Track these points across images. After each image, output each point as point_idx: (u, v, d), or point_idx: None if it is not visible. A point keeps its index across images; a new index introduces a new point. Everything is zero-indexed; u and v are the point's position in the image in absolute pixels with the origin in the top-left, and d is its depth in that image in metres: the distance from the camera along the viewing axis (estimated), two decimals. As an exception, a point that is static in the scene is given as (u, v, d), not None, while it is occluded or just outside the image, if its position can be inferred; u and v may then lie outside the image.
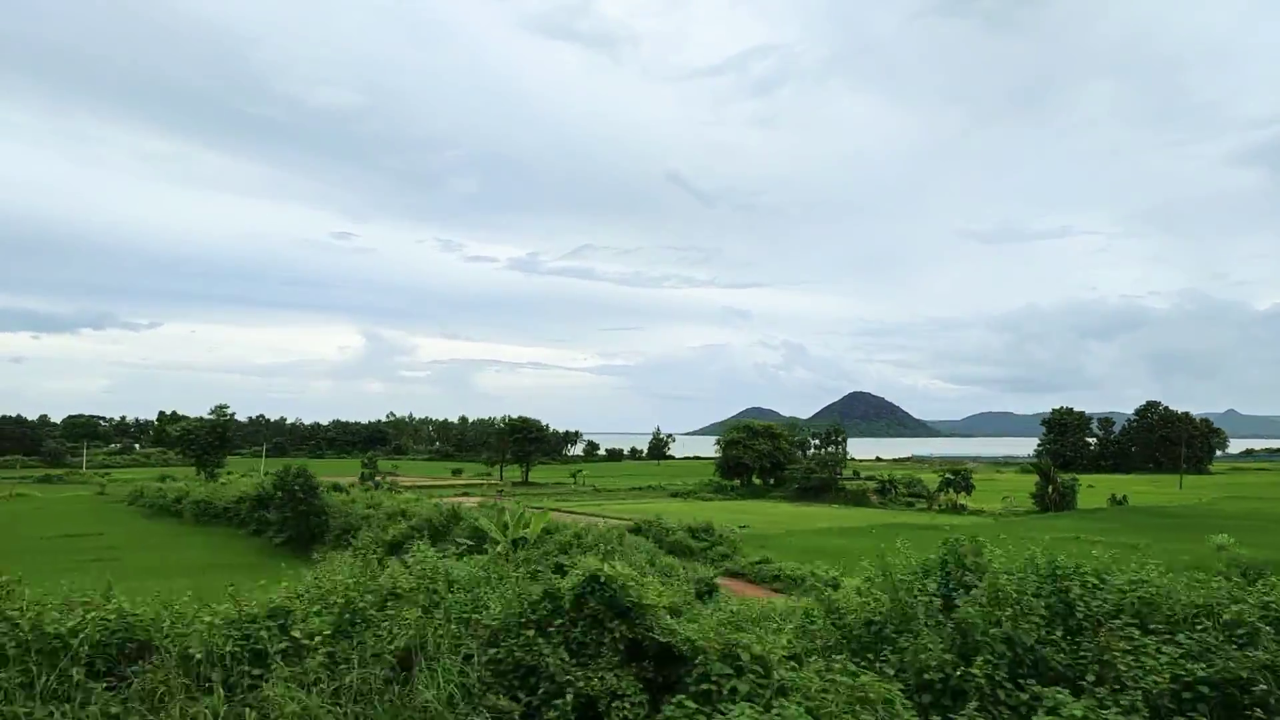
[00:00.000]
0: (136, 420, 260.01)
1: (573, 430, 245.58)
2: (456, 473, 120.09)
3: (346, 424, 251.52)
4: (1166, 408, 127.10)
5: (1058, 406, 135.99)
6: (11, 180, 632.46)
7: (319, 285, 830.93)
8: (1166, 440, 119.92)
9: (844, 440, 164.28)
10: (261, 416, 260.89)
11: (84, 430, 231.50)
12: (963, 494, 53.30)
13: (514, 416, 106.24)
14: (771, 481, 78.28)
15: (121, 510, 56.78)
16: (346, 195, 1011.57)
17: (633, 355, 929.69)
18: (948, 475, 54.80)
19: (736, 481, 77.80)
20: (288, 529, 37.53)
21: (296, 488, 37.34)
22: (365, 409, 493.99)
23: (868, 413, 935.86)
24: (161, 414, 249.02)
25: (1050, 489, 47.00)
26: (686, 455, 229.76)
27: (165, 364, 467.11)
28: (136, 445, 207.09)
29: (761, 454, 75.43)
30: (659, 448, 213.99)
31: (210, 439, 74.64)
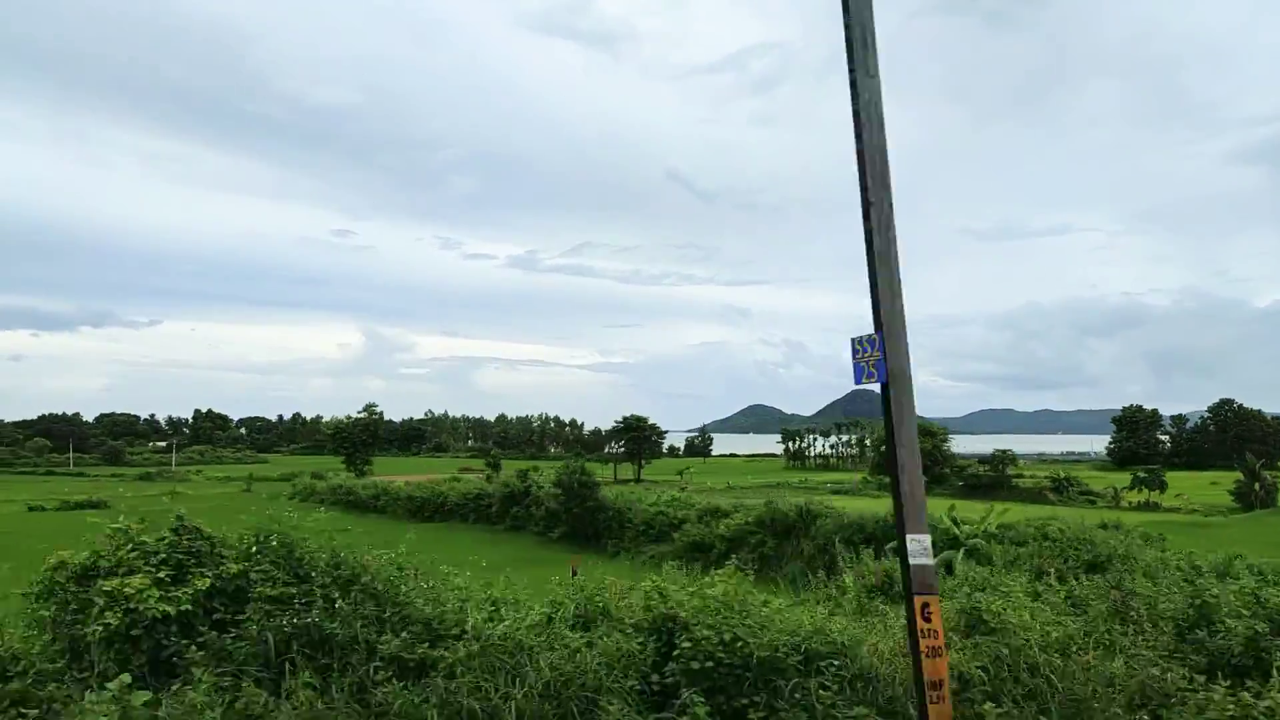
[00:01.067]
0: (170, 418, 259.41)
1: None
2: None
3: (384, 422, 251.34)
4: (1240, 405, 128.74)
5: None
6: (11, 179, 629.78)
7: (318, 283, 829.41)
8: (1240, 438, 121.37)
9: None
10: (298, 415, 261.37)
11: (123, 428, 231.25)
12: (1155, 492, 54.33)
13: (627, 415, 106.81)
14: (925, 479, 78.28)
15: (319, 509, 57.28)
16: (346, 193, 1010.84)
17: (632, 353, 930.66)
18: (1139, 474, 55.93)
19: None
20: (560, 525, 38.39)
21: (577, 484, 38.22)
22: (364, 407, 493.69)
23: (870, 410, 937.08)
24: (197, 412, 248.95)
25: (1257, 486, 48.06)
26: (723, 453, 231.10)
27: (165, 362, 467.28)
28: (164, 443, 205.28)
29: (925, 452, 76.25)
30: (703, 446, 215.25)
31: (364, 436, 75.54)
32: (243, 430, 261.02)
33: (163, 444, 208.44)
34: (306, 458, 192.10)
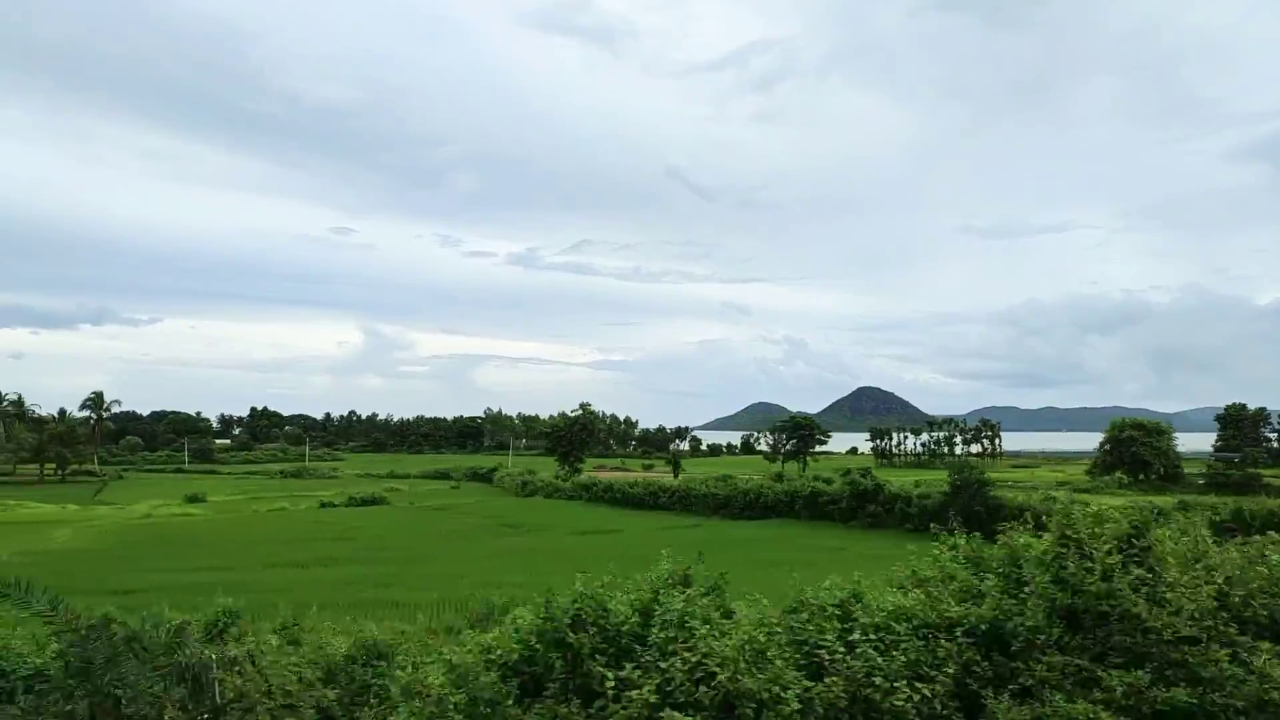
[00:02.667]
0: (222, 415, 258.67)
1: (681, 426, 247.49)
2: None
3: (437, 420, 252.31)
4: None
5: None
6: (10, 177, 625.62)
7: (318, 281, 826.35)
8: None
9: (997, 435, 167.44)
10: (353, 413, 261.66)
11: (185, 427, 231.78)
12: None
13: (794, 413, 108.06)
14: (1152, 478, 74.43)
15: (585, 506, 58.79)
16: (345, 191, 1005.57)
17: (632, 350, 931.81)
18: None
19: (1128, 478, 73.34)
20: (952, 521, 40.08)
21: (972, 481, 39.92)
22: (365, 405, 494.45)
23: (876, 408, 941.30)
24: (253, 410, 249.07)
25: None
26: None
27: (165, 360, 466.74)
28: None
29: (1160, 451, 77.34)
30: (750, 445, 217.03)
31: (581, 435, 77.10)
32: (286, 428, 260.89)
33: (229, 442, 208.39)
34: (391, 456, 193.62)
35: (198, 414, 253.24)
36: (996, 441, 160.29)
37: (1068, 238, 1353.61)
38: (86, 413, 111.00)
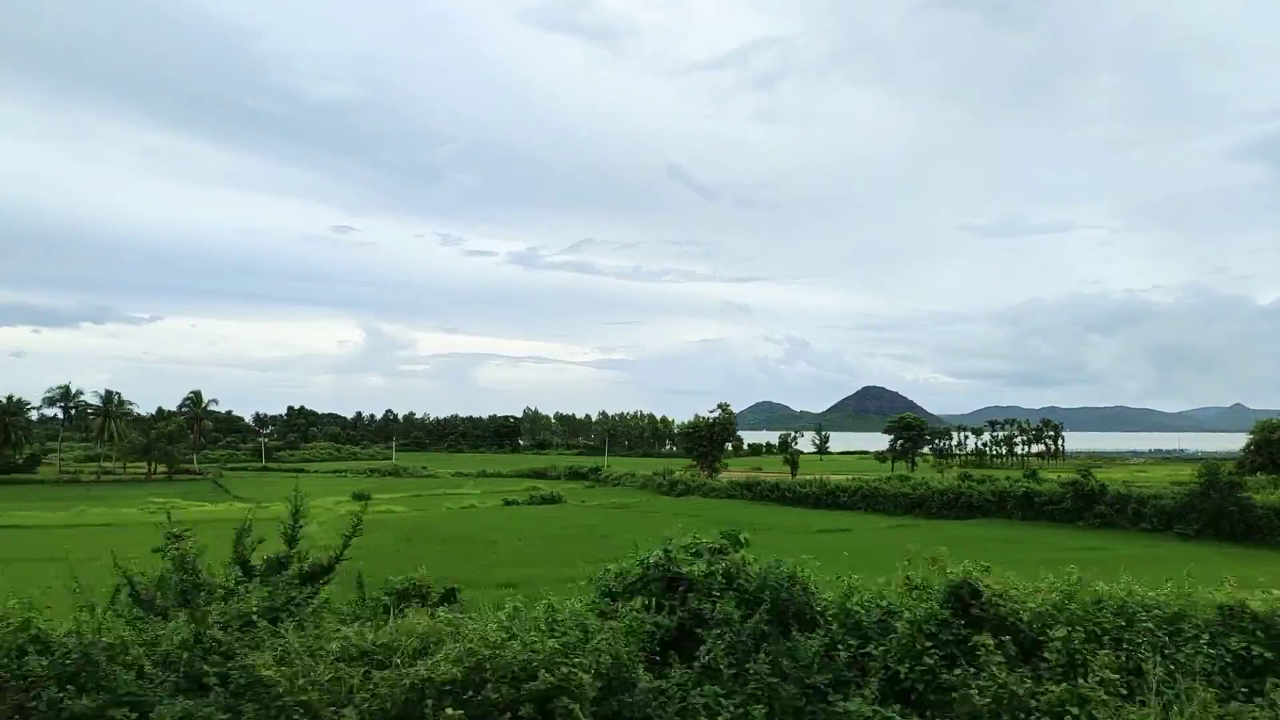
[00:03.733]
0: (257, 414, 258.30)
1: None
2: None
3: (474, 419, 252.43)
4: None
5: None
6: (11, 174, 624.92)
7: (319, 279, 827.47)
8: None
9: (1060, 435, 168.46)
10: (390, 412, 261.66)
11: (225, 426, 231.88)
12: None
13: (900, 414, 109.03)
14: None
15: (768, 506, 59.61)
16: (346, 189, 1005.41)
17: (632, 349, 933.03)
18: None
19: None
20: (1190, 523, 41.08)
21: (1227, 483, 40.98)
22: (366, 404, 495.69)
23: (881, 407, 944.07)
24: (290, 409, 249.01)
25: None
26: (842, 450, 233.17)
27: (165, 358, 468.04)
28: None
29: None
30: (822, 445, 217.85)
31: (720, 435, 78.09)
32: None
33: (280, 442, 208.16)
34: (432, 454, 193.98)
35: (228, 413, 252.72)
36: (1060, 442, 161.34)
37: (1069, 237, 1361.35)
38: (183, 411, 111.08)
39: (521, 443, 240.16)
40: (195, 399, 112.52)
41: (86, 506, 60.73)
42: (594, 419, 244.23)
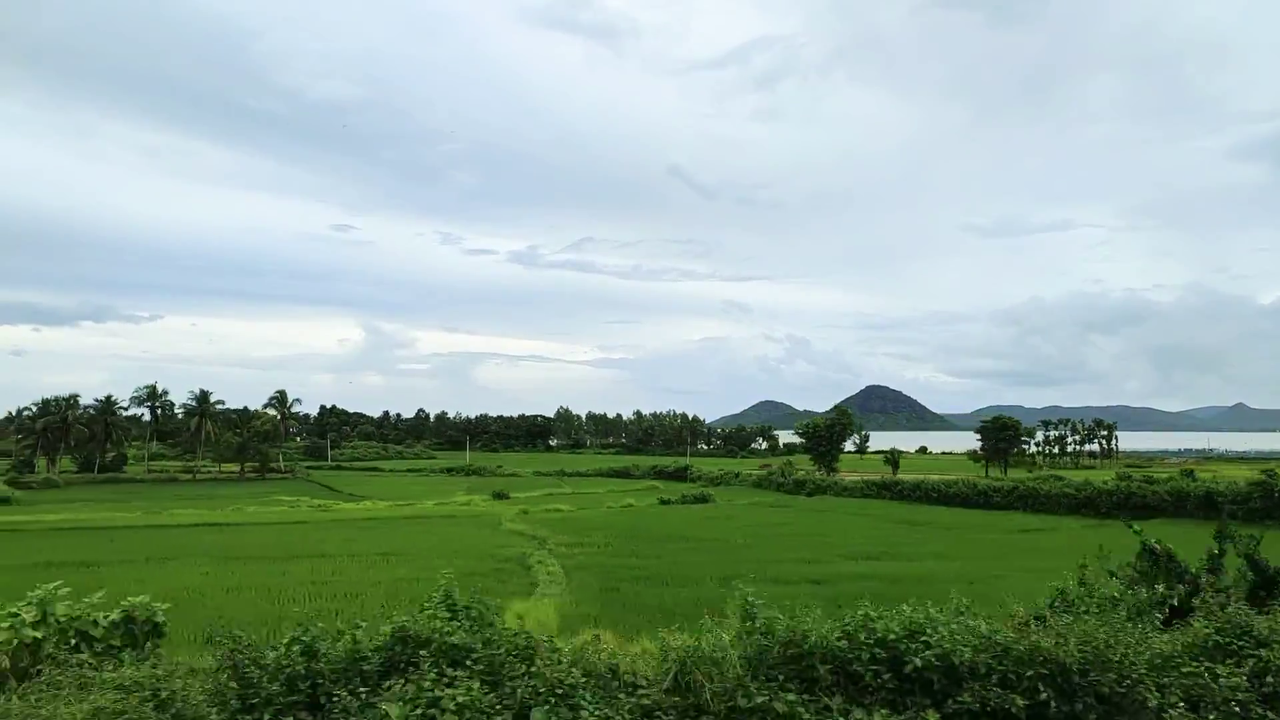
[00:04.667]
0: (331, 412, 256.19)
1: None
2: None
3: (507, 419, 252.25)
4: None
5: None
6: (11, 173, 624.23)
7: (319, 278, 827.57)
8: None
9: (1113, 434, 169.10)
10: (422, 411, 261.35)
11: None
12: None
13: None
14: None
15: (897, 505, 60.12)
16: (346, 188, 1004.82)
17: (632, 349, 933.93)
18: None
19: None
20: None
21: None
22: (366, 403, 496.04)
23: (885, 406, 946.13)
24: (322, 408, 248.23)
25: None
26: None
27: (166, 357, 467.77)
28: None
29: None
30: (862, 444, 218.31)
31: (835, 434, 78.60)
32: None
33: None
34: (484, 454, 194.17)
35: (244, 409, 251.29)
36: (1114, 441, 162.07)
37: (1070, 236, 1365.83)
38: (271, 410, 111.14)
39: (554, 442, 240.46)
40: (280, 398, 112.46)
41: (242, 505, 60.99)
42: (626, 418, 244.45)
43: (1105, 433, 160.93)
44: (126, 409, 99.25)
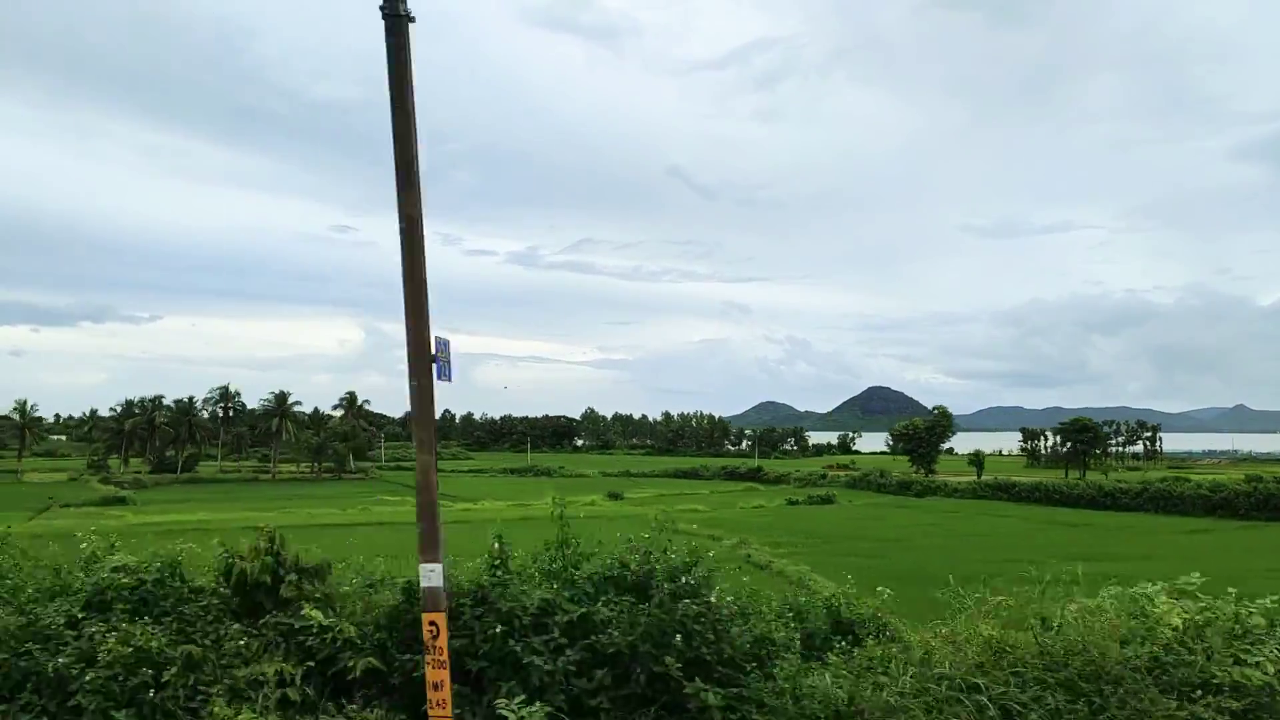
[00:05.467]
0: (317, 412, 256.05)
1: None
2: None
3: (532, 419, 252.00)
4: None
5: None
6: (11, 173, 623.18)
7: (319, 279, 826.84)
8: None
9: (1158, 436, 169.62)
10: (448, 412, 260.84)
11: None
12: None
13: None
14: None
15: (1019, 506, 60.55)
16: (346, 188, 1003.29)
17: (633, 350, 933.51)
18: None
19: None
20: None
21: None
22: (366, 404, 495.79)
23: (887, 407, 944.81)
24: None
25: None
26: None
27: (165, 357, 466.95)
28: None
29: None
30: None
31: (931, 436, 79.05)
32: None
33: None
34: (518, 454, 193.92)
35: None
36: (1158, 442, 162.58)
37: (1070, 237, 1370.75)
38: (339, 411, 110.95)
39: (581, 443, 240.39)
40: (350, 399, 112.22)
41: (366, 505, 61.18)
42: (652, 419, 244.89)
43: (1149, 434, 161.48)
44: (199, 409, 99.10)
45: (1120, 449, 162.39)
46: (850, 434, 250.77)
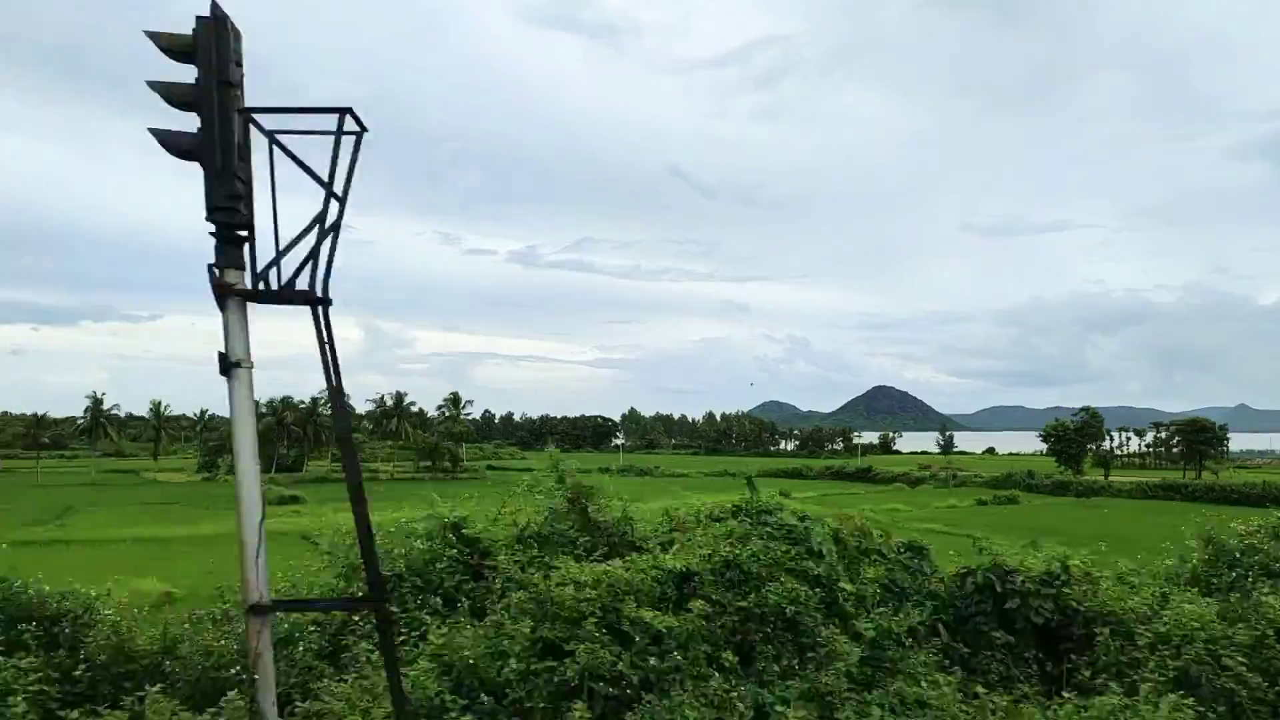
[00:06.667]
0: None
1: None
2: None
3: (569, 418, 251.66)
4: None
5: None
6: (12, 172, 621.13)
7: None
8: None
9: (1224, 436, 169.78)
10: (488, 411, 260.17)
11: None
12: None
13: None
14: None
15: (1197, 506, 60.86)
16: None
17: (632, 349, 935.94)
18: None
19: None
20: None
21: None
22: (364, 403, 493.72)
23: (891, 407, 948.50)
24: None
25: None
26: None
27: (165, 356, 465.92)
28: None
29: None
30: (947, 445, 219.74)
31: (1082, 437, 79.37)
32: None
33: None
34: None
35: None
36: (1226, 443, 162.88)
37: (1070, 236, 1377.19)
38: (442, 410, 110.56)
39: (621, 443, 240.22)
40: (454, 399, 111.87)
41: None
42: (692, 419, 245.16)
43: (1212, 434, 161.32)
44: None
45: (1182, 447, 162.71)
46: (891, 434, 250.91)
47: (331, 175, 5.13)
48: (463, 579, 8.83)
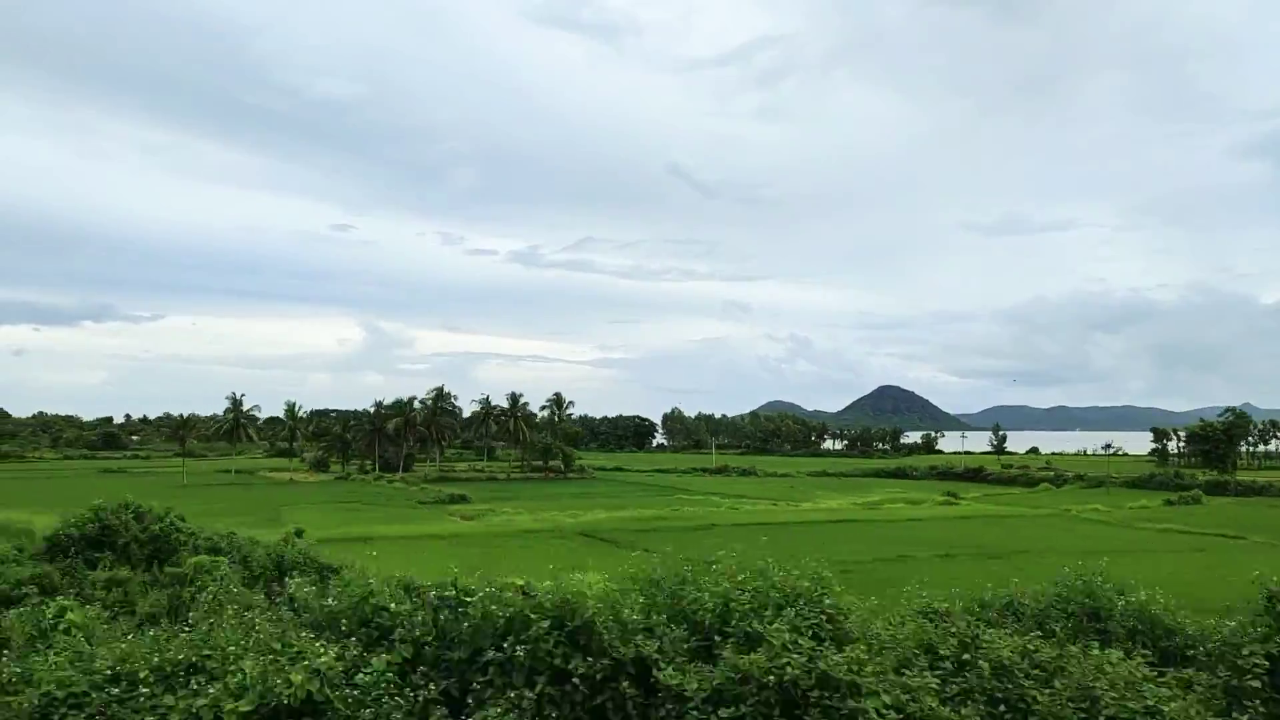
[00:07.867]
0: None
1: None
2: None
3: (610, 419, 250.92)
4: None
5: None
6: (12, 172, 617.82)
7: (319, 278, 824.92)
8: None
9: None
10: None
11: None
12: None
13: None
14: None
15: None
16: (346, 187, 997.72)
17: (633, 348, 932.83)
18: None
19: None
20: None
21: None
22: (364, 403, 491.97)
23: (898, 407, 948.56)
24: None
25: None
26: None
27: (166, 356, 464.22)
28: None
29: None
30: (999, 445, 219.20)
31: (1230, 437, 79.37)
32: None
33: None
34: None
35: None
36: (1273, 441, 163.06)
37: (1072, 235, 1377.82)
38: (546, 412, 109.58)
39: (664, 442, 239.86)
40: (557, 400, 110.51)
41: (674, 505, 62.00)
42: (731, 417, 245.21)
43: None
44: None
45: (1251, 449, 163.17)
46: (933, 434, 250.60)
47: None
48: None
